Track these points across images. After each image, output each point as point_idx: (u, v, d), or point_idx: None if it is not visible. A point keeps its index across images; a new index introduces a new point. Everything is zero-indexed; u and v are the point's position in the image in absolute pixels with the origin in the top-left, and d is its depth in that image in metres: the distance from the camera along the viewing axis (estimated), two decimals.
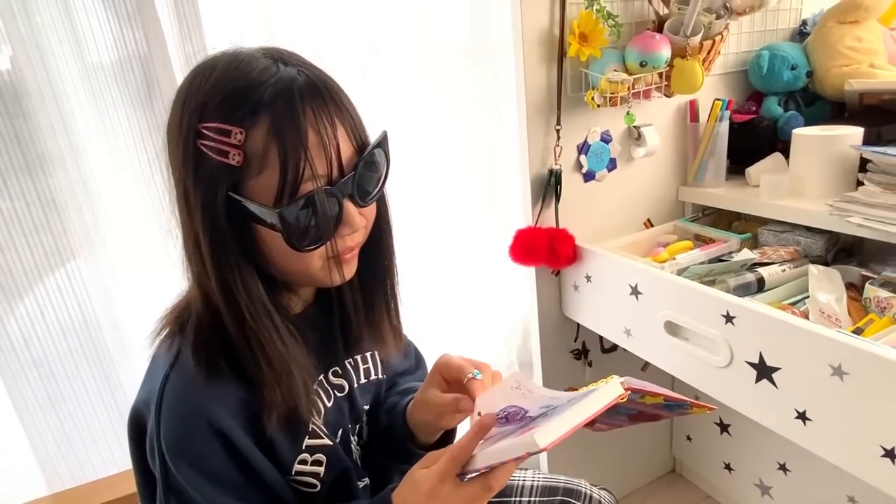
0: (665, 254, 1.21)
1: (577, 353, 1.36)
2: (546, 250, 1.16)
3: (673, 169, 1.34)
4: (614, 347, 1.41)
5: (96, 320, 0.96)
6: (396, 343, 0.73)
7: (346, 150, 0.56)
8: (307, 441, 0.65)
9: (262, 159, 0.52)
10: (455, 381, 0.67)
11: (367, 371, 0.75)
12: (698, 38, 1.07)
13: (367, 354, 0.75)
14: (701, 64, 1.08)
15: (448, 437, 0.75)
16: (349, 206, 0.57)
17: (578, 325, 1.32)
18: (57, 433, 0.96)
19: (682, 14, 1.09)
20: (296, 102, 0.52)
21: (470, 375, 0.65)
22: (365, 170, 0.58)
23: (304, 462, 0.65)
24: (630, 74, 1.07)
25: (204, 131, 0.52)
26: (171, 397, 0.58)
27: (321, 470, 0.66)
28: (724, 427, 1.43)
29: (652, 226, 1.34)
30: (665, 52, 1.06)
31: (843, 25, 1.22)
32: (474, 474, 0.53)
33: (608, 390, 0.52)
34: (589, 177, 1.22)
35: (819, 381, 0.78)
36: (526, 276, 1.28)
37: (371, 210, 0.62)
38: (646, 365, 1.46)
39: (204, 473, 0.57)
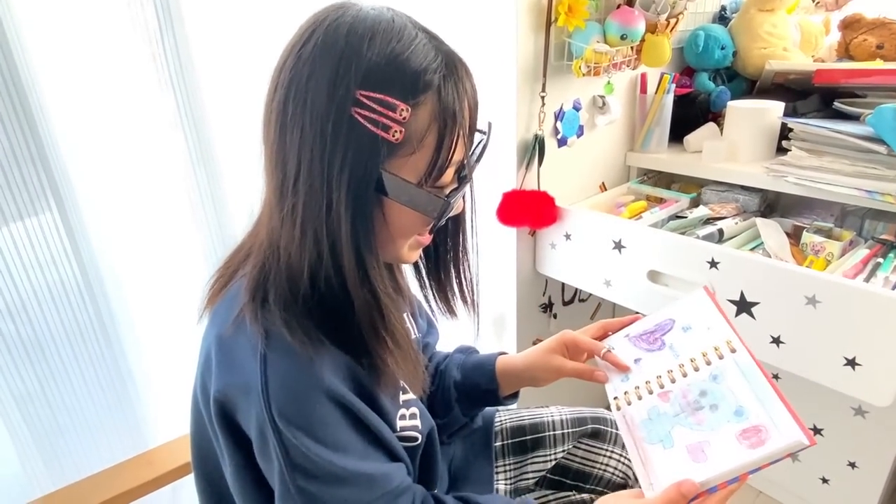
0: (626, 213, 1.35)
1: (545, 306, 1.47)
2: (532, 212, 1.23)
3: (622, 136, 1.48)
4: (572, 300, 1.54)
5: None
6: (467, 310, 0.75)
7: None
8: (402, 396, 0.67)
9: (420, 140, 0.52)
10: (576, 353, 0.77)
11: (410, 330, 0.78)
12: (665, 15, 1.19)
13: (406, 315, 0.77)
14: (669, 39, 1.21)
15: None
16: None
17: (547, 280, 1.42)
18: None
19: None
20: (461, 87, 0.53)
21: (605, 350, 0.73)
22: (480, 154, 0.61)
23: (403, 417, 0.66)
24: (611, 46, 1.16)
25: (364, 100, 0.49)
26: (277, 375, 0.54)
27: (418, 423, 0.68)
28: None
29: (606, 188, 1.48)
30: (641, 26, 1.16)
31: (762, 13, 1.43)
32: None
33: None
34: (562, 142, 1.31)
35: (794, 310, 0.95)
36: (498, 238, 1.35)
37: None
38: (594, 313, 1.62)
39: (330, 444, 0.55)
